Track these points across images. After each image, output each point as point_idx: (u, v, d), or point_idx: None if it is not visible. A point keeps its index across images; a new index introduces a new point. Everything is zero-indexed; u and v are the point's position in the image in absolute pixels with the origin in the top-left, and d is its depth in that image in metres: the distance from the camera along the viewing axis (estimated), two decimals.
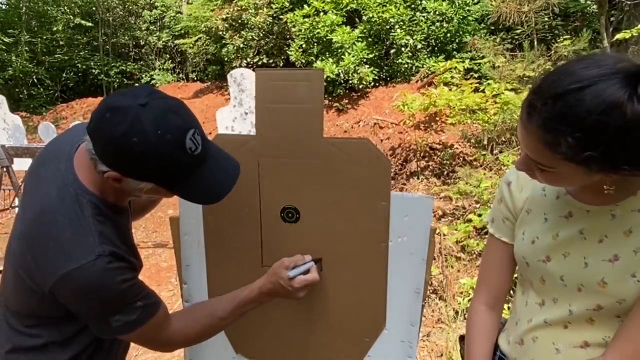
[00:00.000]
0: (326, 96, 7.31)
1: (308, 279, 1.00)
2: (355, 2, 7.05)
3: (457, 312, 2.79)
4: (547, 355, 0.89)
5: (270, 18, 8.18)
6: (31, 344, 0.95)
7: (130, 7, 14.95)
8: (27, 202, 0.92)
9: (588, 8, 6.13)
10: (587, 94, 0.65)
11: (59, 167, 0.91)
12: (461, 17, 6.89)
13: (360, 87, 7.11)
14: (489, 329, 1.03)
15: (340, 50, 6.81)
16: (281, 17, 8.04)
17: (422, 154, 5.21)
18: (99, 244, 0.86)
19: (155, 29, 13.96)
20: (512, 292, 1.08)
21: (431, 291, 3.03)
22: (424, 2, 6.93)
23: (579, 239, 0.84)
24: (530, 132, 0.73)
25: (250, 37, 8.39)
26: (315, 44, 7.21)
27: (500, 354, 1.02)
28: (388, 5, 6.81)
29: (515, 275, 1.06)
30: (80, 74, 14.69)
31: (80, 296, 0.87)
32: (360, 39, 6.88)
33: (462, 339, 1.12)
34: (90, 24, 14.17)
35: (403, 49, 6.98)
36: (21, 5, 13.92)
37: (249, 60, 8.60)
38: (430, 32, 6.97)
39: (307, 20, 7.08)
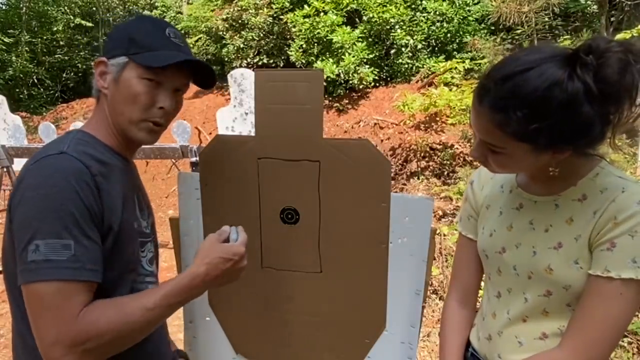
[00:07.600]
0: (326, 96, 7.31)
1: (245, 236, 0.90)
2: (355, 2, 7.05)
3: None
4: (511, 348, 0.94)
5: (270, 18, 8.18)
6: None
7: (130, 7, 14.96)
8: None
9: (588, 8, 6.12)
10: (531, 74, 0.74)
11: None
12: (461, 17, 6.89)
13: (360, 87, 7.11)
14: (459, 324, 1.07)
15: (340, 50, 6.81)
16: (281, 17, 8.04)
17: (422, 154, 5.21)
18: (68, 146, 0.80)
19: None
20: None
21: (431, 291, 3.03)
22: (424, 2, 6.93)
23: (529, 229, 0.90)
24: (482, 114, 0.79)
25: (250, 37, 8.39)
26: (315, 44, 7.21)
27: (472, 350, 1.05)
28: (388, 5, 6.81)
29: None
30: (80, 74, 14.69)
31: (25, 200, 0.73)
32: (360, 39, 6.88)
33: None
34: (90, 24, 14.20)
35: (403, 49, 6.98)
36: (21, 5, 13.91)
37: (249, 60, 8.59)
38: (430, 32, 6.97)
39: (307, 20, 7.08)
